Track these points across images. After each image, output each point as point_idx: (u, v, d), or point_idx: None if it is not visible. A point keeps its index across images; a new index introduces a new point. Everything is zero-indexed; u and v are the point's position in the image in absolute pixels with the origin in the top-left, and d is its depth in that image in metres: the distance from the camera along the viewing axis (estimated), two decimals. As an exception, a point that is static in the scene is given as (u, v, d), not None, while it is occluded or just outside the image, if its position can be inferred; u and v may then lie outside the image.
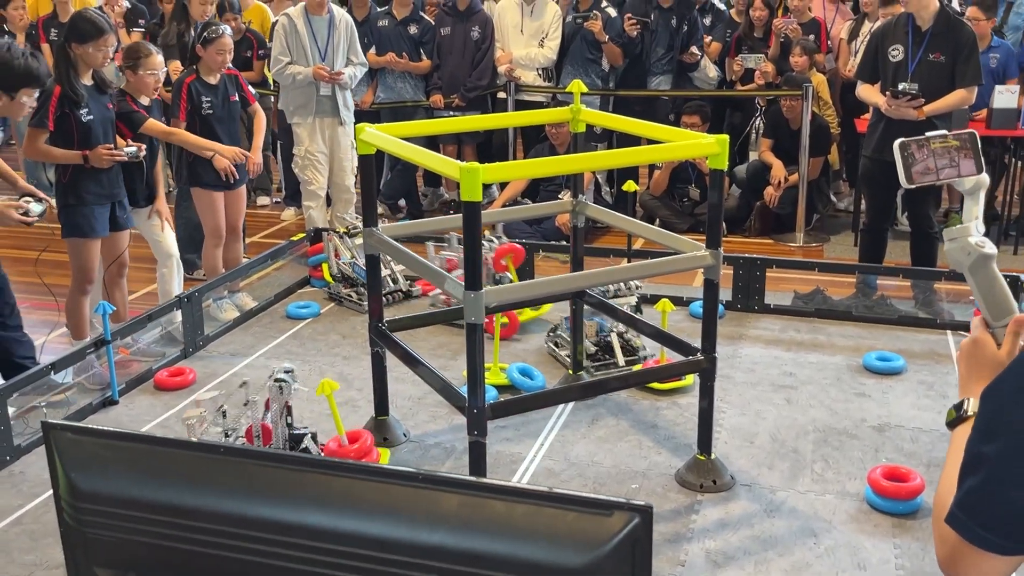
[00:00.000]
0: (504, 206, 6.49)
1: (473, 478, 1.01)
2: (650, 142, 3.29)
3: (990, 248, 1.38)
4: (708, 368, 3.26)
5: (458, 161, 2.84)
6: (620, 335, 4.14)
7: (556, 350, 4.33)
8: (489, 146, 7.34)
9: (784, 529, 3.10)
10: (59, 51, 4.29)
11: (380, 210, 6.64)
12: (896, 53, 4.98)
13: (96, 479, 1.11)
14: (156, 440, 1.14)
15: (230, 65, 5.08)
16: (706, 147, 3.06)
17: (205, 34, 4.93)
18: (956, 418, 1.35)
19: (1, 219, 3.94)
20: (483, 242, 3.17)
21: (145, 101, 4.69)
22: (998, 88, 6.11)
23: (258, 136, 5.18)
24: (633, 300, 4.37)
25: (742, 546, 3.01)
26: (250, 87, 5.32)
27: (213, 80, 4.98)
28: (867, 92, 5.11)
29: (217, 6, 6.38)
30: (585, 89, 3.80)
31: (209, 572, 1.08)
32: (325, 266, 5.22)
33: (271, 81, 7.18)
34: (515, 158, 7.16)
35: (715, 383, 3.30)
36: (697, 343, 3.28)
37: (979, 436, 1.17)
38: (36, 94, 3.85)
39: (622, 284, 4.47)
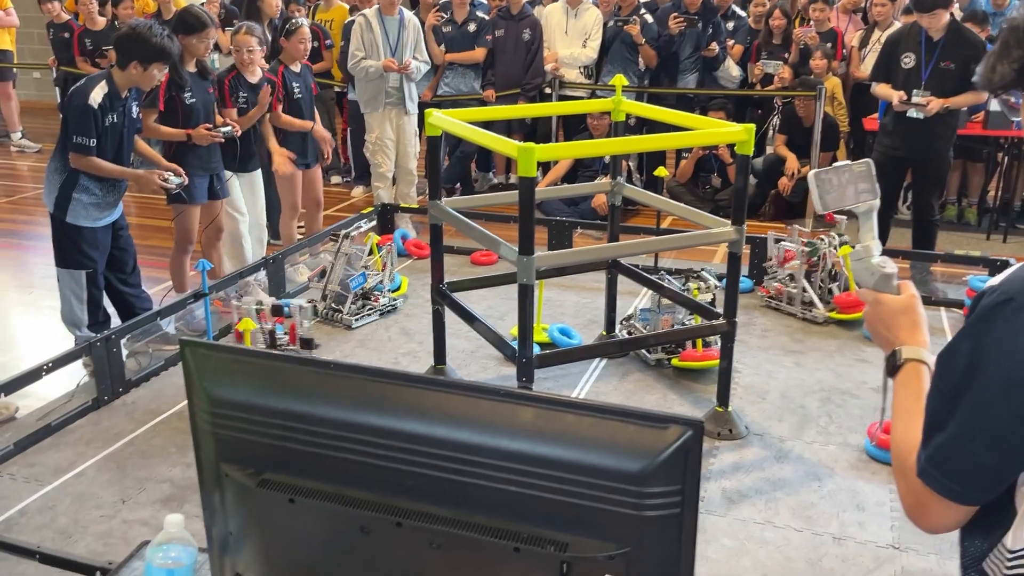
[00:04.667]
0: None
1: (548, 394, 1.04)
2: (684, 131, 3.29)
3: (891, 267, 1.39)
4: (729, 331, 3.26)
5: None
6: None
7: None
8: (535, 135, 7.32)
9: (791, 473, 3.11)
10: None
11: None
12: (908, 60, 4.87)
13: (224, 388, 1.15)
14: (275, 356, 1.18)
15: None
16: (735, 135, 3.05)
17: (287, 27, 4.97)
18: (894, 367, 1.30)
19: (146, 184, 4.05)
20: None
21: (254, 79, 4.74)
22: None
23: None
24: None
25: (754, 486, 3.03)
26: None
27: (296, 68, 5.02)
28: (883, 90, 4.99)
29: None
30: (626, 83, 3.78)
31: (318, 468, 1.12)
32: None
33: (334, 74, 7.20)
34: (557, 146, 7.14)
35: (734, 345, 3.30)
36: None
37: (940, 396, 1.13)
38: (165, 69, 3.88)
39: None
